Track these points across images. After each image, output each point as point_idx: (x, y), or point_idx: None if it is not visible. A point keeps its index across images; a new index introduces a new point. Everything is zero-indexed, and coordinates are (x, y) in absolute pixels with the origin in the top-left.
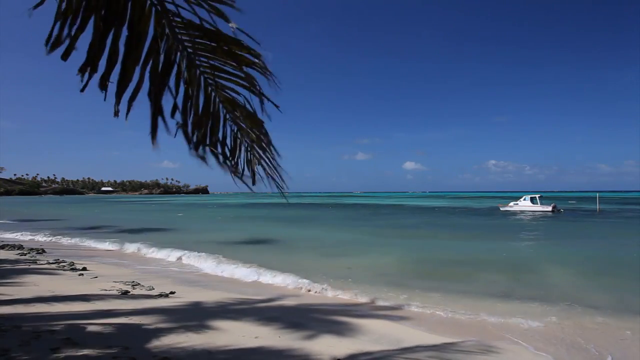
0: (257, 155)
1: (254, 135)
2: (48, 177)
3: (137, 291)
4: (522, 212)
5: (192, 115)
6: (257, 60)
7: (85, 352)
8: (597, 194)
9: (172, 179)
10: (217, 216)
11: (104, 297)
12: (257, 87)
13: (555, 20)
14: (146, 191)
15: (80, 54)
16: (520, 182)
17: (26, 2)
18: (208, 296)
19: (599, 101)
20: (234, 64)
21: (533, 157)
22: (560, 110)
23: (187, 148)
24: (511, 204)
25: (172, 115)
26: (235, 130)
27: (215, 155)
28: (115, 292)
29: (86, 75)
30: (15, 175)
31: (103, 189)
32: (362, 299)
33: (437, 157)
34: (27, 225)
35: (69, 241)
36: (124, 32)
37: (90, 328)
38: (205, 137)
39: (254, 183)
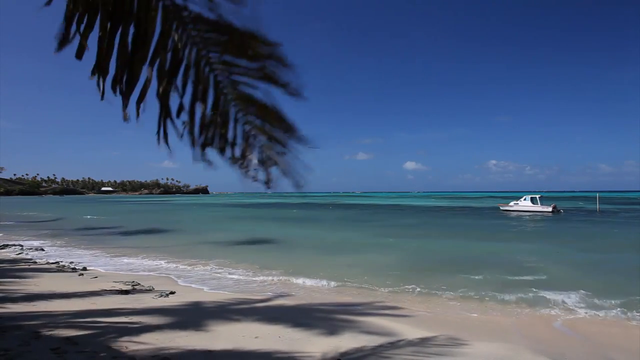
0: (274, 154)
1: (271, 133)
2: (48, 177)
3: (137, 291)
4: (522, 212)
5: (199, 116)
6: (274, 51)
7: (85, 351)
8: (597, 194)
9: (172, 179)
10: (218, 216)
11: (104, 297)
12: (278, 77)
13: (555, 20)
14: (146, 191)
15: (92, 55)
16: (521, 182)
17: (27, 2)
18: (208, 296)
19: (599, 101)
20: (248, 55)
21: (533, 157)
22: (560, 110)
23: (191, 151)
24: (511, 203)
25: (178, 115)
26: (248, 129)
27: (223, 156)
28: (115, 292)
29: (99, 79)
30: (15, 175)
31: (103, 189)
32: (362, 298)
33: (437, 157)
34: (29, 227)
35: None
36: (132, 31)
37: (91, 328)
38: (212, 139)
39: (268, 186)
